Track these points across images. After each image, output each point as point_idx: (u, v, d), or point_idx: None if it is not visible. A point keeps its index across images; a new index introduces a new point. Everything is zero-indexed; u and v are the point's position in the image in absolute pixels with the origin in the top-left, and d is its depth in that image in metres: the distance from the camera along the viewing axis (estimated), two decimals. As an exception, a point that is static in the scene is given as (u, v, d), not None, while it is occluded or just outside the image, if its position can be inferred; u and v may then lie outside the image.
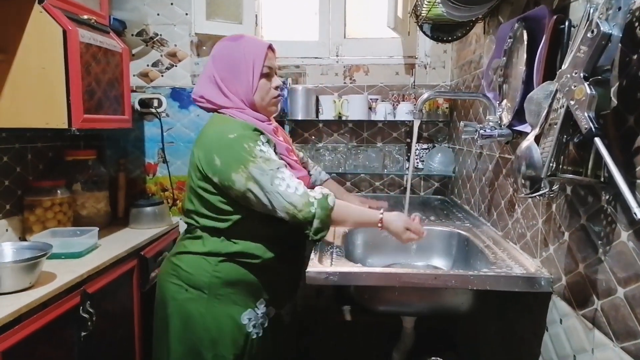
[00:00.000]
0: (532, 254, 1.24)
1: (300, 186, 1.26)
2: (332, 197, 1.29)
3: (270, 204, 1.25)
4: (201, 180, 1.33)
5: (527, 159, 0.92)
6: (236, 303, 1.36)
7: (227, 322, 1.35)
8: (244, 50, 1.38)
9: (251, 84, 1.37)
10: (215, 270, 1.35)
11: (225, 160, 1.27)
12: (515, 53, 1.34)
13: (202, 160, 1.31)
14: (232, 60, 1.38)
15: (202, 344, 1.35)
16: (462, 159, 2.11)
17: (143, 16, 2.37)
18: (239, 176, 1.24)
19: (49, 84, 1.65)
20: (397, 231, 1.32)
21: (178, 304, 1.38)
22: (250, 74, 1.37)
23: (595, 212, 0.93)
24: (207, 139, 1.34)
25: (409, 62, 2.41)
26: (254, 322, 1.38)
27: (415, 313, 1.40)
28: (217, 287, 1.35)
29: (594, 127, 0.76)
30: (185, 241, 1.43)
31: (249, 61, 1.37)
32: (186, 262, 1.39)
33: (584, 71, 0.80)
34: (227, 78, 1.38)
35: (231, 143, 1.28)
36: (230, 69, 1.37)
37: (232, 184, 1.26)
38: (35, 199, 1.94)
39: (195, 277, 1.36)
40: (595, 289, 0.93)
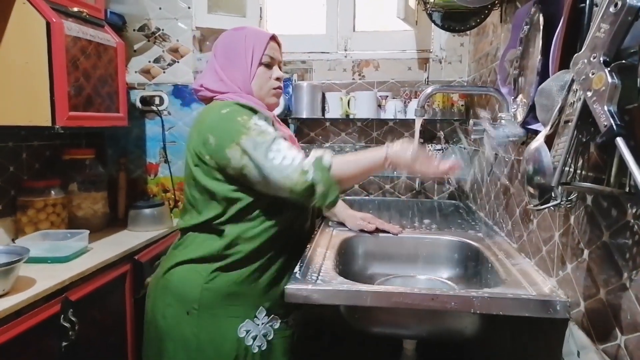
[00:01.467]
0: (548, 272, 1.08)
1: (298, 156, 1.16)
2: (327, 155, 1.18)
3: (266, 181, 1.15)
4: (199, 168, 1.24)
5: (536, 163, 0.76)
6: (232, 315, 1.25)
7: (224, 338, 1.24)
8: (244, 38, 1.33)
9: (249, 71, 1.31)
10: (206, 282, 1.23)
11: (219, 137, 1.19)
12: (532, 42, 1.18)
13: (197, 145, 1.22)
14: (232, 46, 1.33)
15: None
16: (477, 161, 1.94)
17: (144, 10, 2.29)
18: (234, 152, 1.16)
19: (32, 79, 1.57)
20: (407, 163, 1.18)
21: (168, 323, 1.27)
22: (249, 60, 1.31)
23: (620, 227, 0.77)
24: (201, 122, 1.26)
25: (423, 57, 2.25)
26: (253, 333, 1.26)
27: (414, 336, 1.25)
28: (209, 300, 1.23)
29: (616, 124, 0.60)
30: (174, 250, 1.33)
31: (248, 48, 1.31)
32: (175, 276, 1.28)
33: (605, 55, 0.64)
34: (225, 64, 1.32)
35: (224, 117, 1.21)
36: (229, 56, 1.33)
37: (227, 162, 1.18)
38: (27, 199, 1.89)
39: (185, 292, 1.25)
40: (619, 320, 0.76)
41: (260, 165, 1.14)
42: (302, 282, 1.05)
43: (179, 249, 1.31)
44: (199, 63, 2.34)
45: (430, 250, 1.49)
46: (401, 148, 1.19)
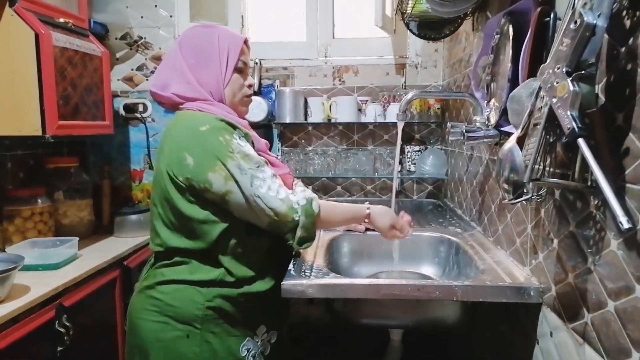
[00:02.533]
0: (522, 262, 1.18)
1: (281, 189, 1.12)
2: (316, 202, 1.16)
3: (250, 208, 1.09)
4: (173, 189, 1.13)
5: (509, 162, 0.85)
6: (233, 335, 1.18)
7: (225, 358, 1.17)
8: (218, 39, 1.22)
9: (223, 75, 1.21)
10: (208, 301, 1.15)
11: (198, 158, 1.09)
12: (502, 49, 1.27)
13: (171, 164, 1.12)
14: (204, 46, 1.21)
15: None
16: (454, 161, 2.04)
17: (126, 19, 2.32)
18: (217, 176, 1.08)
19: (22, 89, 1.60)
20: (383, 228, 1.29)
21: (165, 345, 1.16)
22: (223, 64, 1.21)
23: (584, 218, 0.86)
24: (174, 138, 1.14)
25: (400, 62, 2.34)
26: (253, 351, 1.21)
27: (401, 326, 1.33)
28: (211, 321, 1.16)
29: (578, 127, 0.69)
30: (162, 269, 1.20)
31: (222, 50, 1.22)
32: (171, 294, 1.17)
33: (567, 66, 0.73)
34: (194, 65, 1.20)
35: (204, 136, 1.10)
36: (200, 56, 1.20)
37: (209, 185, 1.08)
38: (14, 208, 1.89)
39: (184, 311, 1.16)
40: (586, 301, 0.86)
41: (246, 193, 1.08)
42: (297, 278, 1.12)
43: (169, 268, 1.20)
44: (182, 70, 2.38)
45: (412, 246, 1.58)
46: (384, 213, 1.30)
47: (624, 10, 0.74)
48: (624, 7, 0.74)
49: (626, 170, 0.73)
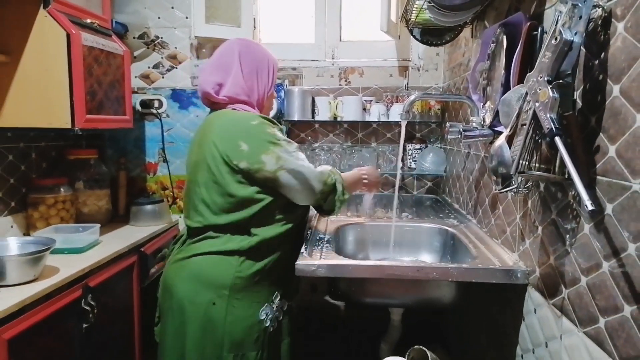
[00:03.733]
0: (511, 248, 1.31)
1: (311, 165, 1.39)
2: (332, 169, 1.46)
3: (298, 183, 1.33)
4: (226, 172, 1.33)
5: (499, 157, 0.98)
6: (255, 300, 1.37)
7: (248, 321, 1.35)
8: (266, 54, 1.50)
9: (269, 86, 1.48)
10: (238, 270, 1.34)
11: (252, 144, 1.32)
12: (497, 57, 1.40)
13: (225, 150, 1.32)
14: (259, 61, 1.46)
15: (223, 347, 1.34)
16: (452, 158, 2.17)
17: (144, 19, 2.44)
18: (269, 157, 1.31)
19: (53, 85, 1.72)
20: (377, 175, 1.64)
21: (197, 308, 1.34)
22: (271, 77, 1.48)
23: (564, 207, 0.99)
24: (225, 129, 1.36)
25: (403, 65, 2.47)
26: (270, 316, 1.39)
27: (401, 305, 1.47)
28: (238, 287, 1.34)
29: (555, 127, 0.82)
30: (197, 244, 1.39)
31: (270, 67, 1.48)
32: (206, 263, 1.36)
33: (548, 75, 0.86)
34: (249, 74, 1.44)
35: (255, 128, 1.34)
36: (256, 68, 1.45)
37: (262, 165, 1.30)
38: (39, 196, 2.01)
39: (217, 279, 1.34)
40: (563, 278, 0.99)
41: (294, 169, 1.32)
42: (309, 259, 1.25)
43: (204, 242, 1.38)
44: (196, 69, 2.50)
45: (413, 236, 1.71)
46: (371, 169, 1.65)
47: (598, 29, 0.87)
48: (598, 25, 0.87)
49: (597, 165, 0.86)
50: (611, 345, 0.80)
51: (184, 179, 2.55)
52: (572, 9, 0.84)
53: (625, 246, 0.77)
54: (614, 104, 0.81)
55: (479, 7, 1.47)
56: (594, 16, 0.86)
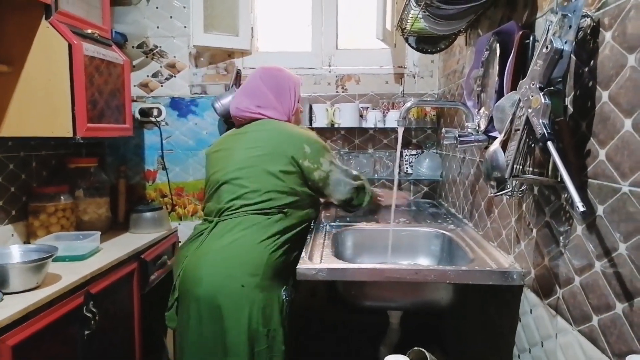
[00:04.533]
0: (507, 251, 1.34)
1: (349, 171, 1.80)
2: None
3: (342, 182, 1.71)
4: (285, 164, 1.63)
5: (494, 161, 1.01)
6: (279, 283, 1.59)
7: (275, 300, 1.57)
8: (287, 77, 1.82)
9: (293, 104, 1.80)
10: (270, 253, 1.56)
11: (314, 148, 1.67)
12: (491, 64, 1.43)
13: (292, 150, 1.64)
14: (282, 82, 1.80)
15: (259, 323, 1.52)
16: (448, 163, 2.21)
17: (143, 29, 2.47)
18: (325, 160, 1.68)
19: (55, 95, 1.74)
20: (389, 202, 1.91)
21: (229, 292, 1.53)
22: (293, 96, 1.80)
23: (557, 209, 1.02)
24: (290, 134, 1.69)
25: (398, 72, 2.51)
26: (286, 297, 1.60)
27: (400, 307, 1.49)
28: (270, 267, 1.55)
29: (547, 132, 0.86)
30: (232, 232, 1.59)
31: (291, 87, 1.81)
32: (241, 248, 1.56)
33: (540, 82, 0.90)
34: (278, 95, 1.78)
35: (314, 138, 1.72)
36: (280, 89, 1.78)
37: (319, 165, 1.66)
38: (39, 204, 2.03)
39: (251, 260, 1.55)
40: (558, 279, 1.02)
41: (342, 170, 1.73)
42: (310, 263, 1.27)
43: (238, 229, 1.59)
44: (195, 77, 2.53)
45: (410, 240, 1.74)
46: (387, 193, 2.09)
47: (587, 37, 0.91)
48: (587, 34, 0.91)
49: (588, 168, 0.89)
50: (604, 342, 0.83)
51: (182, 186, 2.57)
52: (562, 18, 0.88)
53: (616, 246, 0.80)
54: (604, 110, 0.84)
55: (472, 16, 1.51)
56: (583, 25, 0.90)
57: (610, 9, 0.83)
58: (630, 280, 0.76)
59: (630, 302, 0.76)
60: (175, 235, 2.47)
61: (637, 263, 0.74)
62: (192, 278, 1.58)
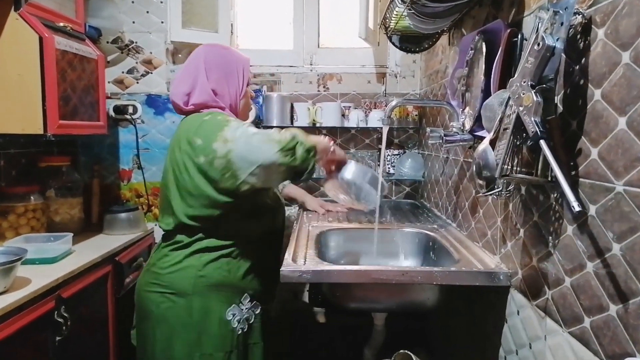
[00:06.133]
0: (493, 251, 1.32)
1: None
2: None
3: (251, 151, 1.26)
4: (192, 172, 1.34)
5: (483, 160, 1.00)
6: (220, 300, 1.40)
7: (213, 320, 1.38)
8: (235, 57, 1.52)
9: (240, 88, 1.50)
10: (200, 271, 1.38)
11: (203, 136, 1.32)
12: (476, 63, 1.42)
13: (186, 150, 1.35)
14: (225, 64, 1.48)
15: (190, 345, 1.38)
16: (430, 163, 2.20)
17: (119, 24, 2.39)
18: (218, 143, 1.29)
19: (25, 90, 1.66)
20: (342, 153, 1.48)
21: (161, 313, 1.40)
22: (241, 79, 1.50)
23: (546, 209, 1.01)
24: (184, 130, 1.39)
25: (380, 71, 2.49)
26: (238, 317, 1.41)
27: (385, 309, 1.47)
28: (201, 288, 1.38)
29: (540, 130, 0.84)
30: (165, 249, 1.45)
31: (239, 68, 1.50)
32: (169, 268, 1.41)
33: (531, 80, 0.88)
34: (217, 80, 1.46)
35: (206, 121, 1.36)
36: (222, 73, 1.47)
37: (214, 154, 1.28)
38: (8, 205, 1.94)
39: (178, 282, 1.39)
40: (547, 280, 1.00)
41: (244, 139, 1.27)
42: (294, 266, 1.23)
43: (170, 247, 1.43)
44: (172, 74, 2.46)
45: (393, 241, 1.72)
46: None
47: (578, 36, 0.90)
48: (578, 32, 0.90)
49: (579, 167, 0.88)
50: (597, 344, 0.82)
51: (159, 186, 2.50)
52: (553, 15, 0.87)
53: (609, 246, 0.78)
54: (596, 108, 0.83)
55: (457, 15, 1.50)
56: (574, 23, 0.89)
57: (603, 5, 0.82)
58: (625, 281, 0.74)
59: (625, 304, 0.75)
60: (152, 236, 2.39)
61: (632, 264, 0.73)
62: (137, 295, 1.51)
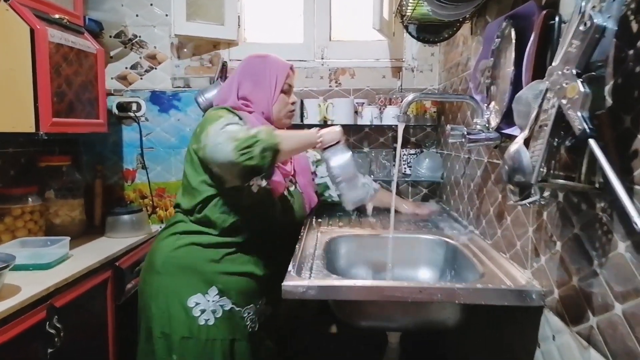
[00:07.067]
0: (523, 265, 1.17)
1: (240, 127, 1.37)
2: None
3: (214, 150, 1.29)
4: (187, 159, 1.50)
5: (516, 163, 0.85)
6: (185, 284, 1.43)
7: (174, 302, 1.42)
8: (269, 66, 1.56)
9: (272, 95, 1.54)
10: (171, 252, 1.45)
11: (201, 126, 1.42)
12: (503, 53, 1.28)
13: (191, 137, 1.49)
14: (257, 72, 1.54)
15: (153, 321, 1.44)
16: (450, 164, 2.05)
17: (121, 17, 2.29)
18: (203, 136, 1.35)
19: (16, 85, 1.57)
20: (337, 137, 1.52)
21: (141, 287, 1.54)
22: (272, 87, 1.54)
23: (590, 220, 0.86)
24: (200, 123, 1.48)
25: (396, 65, 2.35)
26: (202, 307, 1.41)
27: (400, 328, 1.33)
28: (170, 268, 1.44)
29: (589, 127, 0.69)
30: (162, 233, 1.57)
31: (272, 75, 1.55)
32: (153, 249, 1.53)
33: (577, 67, 0.73)
34: (249, 87, 1.53)
35: (209, 113, 1.48)
36: (254, 80, 1.54)
37: (199, 144, 1.37)
38: (4, 207, 1.86)
39: (154, 259, 1.48)
40: (591, 304, 0.85)
41: (215, 136, 1.30)
42: (298, 279, 1.10)
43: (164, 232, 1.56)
44: (177, 70, 2.36)
45: (410, 248, 1.57)
46: (330, 131, 1.51)
47: (631, 14, 0.75)
48: (631, 10, 0.75)
49: (634, 172, 0.73)
50: (659, 388, 0.67)
51: (164, 187, 2.40)
52: (603, -11, 0.72)
53: (677, 271, 0.63)
54: (657, 101, 0.68)
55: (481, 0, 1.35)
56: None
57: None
58: (701, 317, 0.60)
59: (700, 345, 0.60)
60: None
61: None
62: None
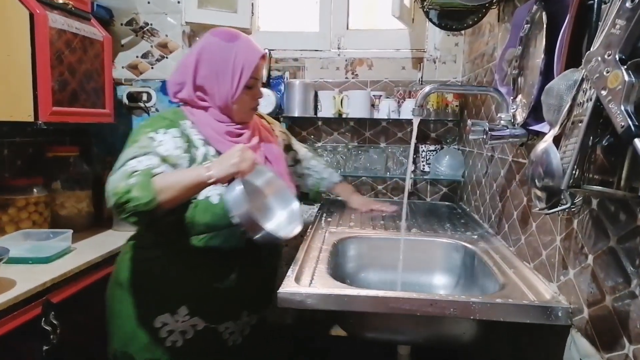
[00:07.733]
0: (549, 277, 1.05)
1: (140, 166, 1.09)
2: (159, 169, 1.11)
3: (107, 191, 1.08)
4: None
5: (544, 165, 0.73)
6: (151, 303, 1.30)
7: (140, 321, 1.30)
8: (235, 54, 1.26)
9: (233, 92, 1.27)
10: (137, 266, 1.32)
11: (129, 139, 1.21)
12: (532, 41, 1.15)
13: None
14: (220, 61, 1.26)
15: (115, 340, 1.35)
16: (472, 162, 1.92)
17: (132, 4, 2.23)
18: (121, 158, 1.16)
19: (15, 73, 1.51)
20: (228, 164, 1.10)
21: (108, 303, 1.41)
22: (236, 81, 1.27)
23: (629, 233, 0.74)
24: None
25: (417, 56, 2.22)
26: (170, 328, 1.29)
27: (409, 342, 1.22)
28: (136, 284, 1.32)
29: (634, 124, 0.57)
30: None
31: (237, 67, 1.26)
32: (118, 258, 1.41)
33: (621, 52, 0.61)
34: (207, 77, 1.27)
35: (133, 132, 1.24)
36: (215, 70, 1.27)
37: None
38: (8, 197, 1.81)
39: (118, 273, 1.36)
40: (627, 329, 0.74)
41: (114, 168, 1.12)
42: (296, 286, 1.01)
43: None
44: (189, 59, 2.29)
45: (425, 252, 1.47)
46: (220, 161, 1.13)
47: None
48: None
49: (688, 179, 0.61)
50: None
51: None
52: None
53: None
54: None
55: (509, -18, 1.22)
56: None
57: None
58: None
59: None
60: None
61: None
62: None
